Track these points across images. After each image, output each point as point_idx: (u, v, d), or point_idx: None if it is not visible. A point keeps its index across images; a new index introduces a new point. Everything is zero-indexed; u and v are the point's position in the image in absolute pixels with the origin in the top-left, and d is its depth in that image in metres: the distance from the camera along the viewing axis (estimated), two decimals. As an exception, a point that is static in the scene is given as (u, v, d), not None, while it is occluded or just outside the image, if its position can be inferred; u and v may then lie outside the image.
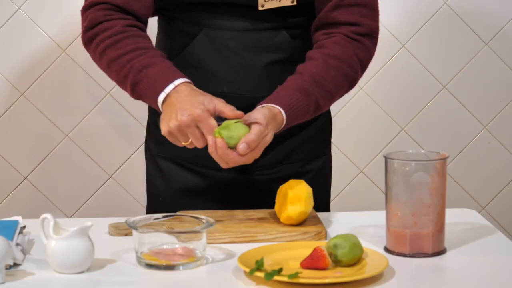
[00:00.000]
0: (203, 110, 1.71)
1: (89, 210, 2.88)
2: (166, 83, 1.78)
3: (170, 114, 1.74)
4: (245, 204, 1.93)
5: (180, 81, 1.78)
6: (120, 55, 1.83)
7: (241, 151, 1.70)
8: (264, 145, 1.74)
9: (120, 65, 1.83)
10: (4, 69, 2.80)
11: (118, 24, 1.86)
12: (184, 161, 1.99)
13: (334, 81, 1.86)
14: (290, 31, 1.92)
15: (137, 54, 1.83)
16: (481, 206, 3.02)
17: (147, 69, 1.81)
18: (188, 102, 1.73)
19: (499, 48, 2.93)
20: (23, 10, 2.78)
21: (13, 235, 1.67)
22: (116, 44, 1.84)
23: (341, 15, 1.89)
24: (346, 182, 2.97)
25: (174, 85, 1.77)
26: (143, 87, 1.81)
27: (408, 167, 1.63)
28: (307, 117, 1.85)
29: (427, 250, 1.64)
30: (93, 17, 1.87)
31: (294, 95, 1.80)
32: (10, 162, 2.85)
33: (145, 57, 1.82)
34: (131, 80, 1.82)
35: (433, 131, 2.96)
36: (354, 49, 1.89)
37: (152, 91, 1.80)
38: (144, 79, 1.80)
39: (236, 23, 1.90)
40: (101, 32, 1.86)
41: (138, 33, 1.87)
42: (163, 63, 1.83)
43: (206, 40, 1.91)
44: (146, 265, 1.59)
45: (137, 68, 1.81)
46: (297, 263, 1.56)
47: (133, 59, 1.82)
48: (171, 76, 1.79)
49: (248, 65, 1.91)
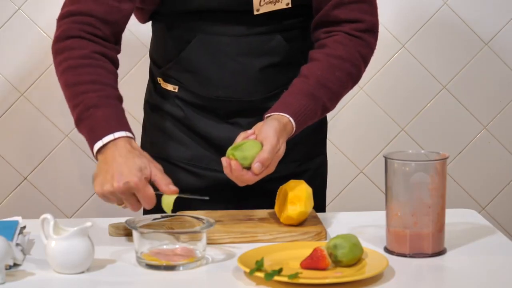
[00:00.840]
0: (140, 179, 1.64)
1: (89, 210, 2.88)
2: (107, 132, 1.70)
3: (105, 175, 1.66)
4: (242, 204, 1.93)
5: (121, 134, 1.70)
6: (77, 83, 1.76)
7: (256, 171, 1.71)
8: (277, 159, 1.75)
9: (73, 94, 1.76)
10: (4, 69, 2.80)
11: (87, 48, 1.78)
12: (180, 162, 1.99)
13: (339, 81, 1.87)
14: (284, 34, 1.92)
15: (93, 88, 1.74)
16: (481, 206, 3.02)
17: (95, 108, 1.72)
18: (125, 166, 1.65)
19: (499, 48, 2.93)
20: (23, 10, 2.78)
21: (13, 235, 1.67)
22: (77, 69, 1.77)
23: (341, 13, 1.89)
24: (346, 182, 2.97)
25: (113, 137, 1.69)
26: (84, 127, 1.74)
27: (408, 167, 1.63)
28: (315, 120, 1.86)
29: (427, 250, 1.64)
30: (66, 28, 1.80)
31: (301, 101, 1.81)
32: (10, 162, 2.85)
33: (98, 95, 1.74)
34: (76, 115, 1.75)
35: (433, 131, 2.96)
36: (356, 47, 1.90)
37: (91, 135, 1.72)
38: (88, 119, 1.72)
39: (231, 28, 1.90)
40: (68, 49, 1.79)
41: (103, 64, 1.79)
42: (113, 108, 1.74)
43: (201, 45, 1.91)
44: (146, 265, 1.59)
45: (87, 104, 1.73)
46: (297, 263, 1.56)
47: (87, 93, 1.74)
48: (114, 126, 1.71)
49: (243, 70, 1.91)
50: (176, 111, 1.98)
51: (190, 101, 1.96)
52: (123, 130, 1.71)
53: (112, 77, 1.80)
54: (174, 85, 1.97)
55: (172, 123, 2.00)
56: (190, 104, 1.96)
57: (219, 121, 1.95)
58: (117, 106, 1.76)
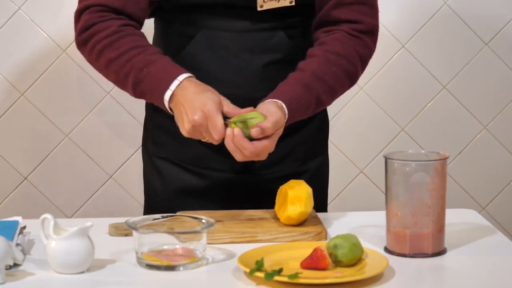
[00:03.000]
0: (211, 106, 1.72)
1: (89, 210, 2.88)
2: (170, 80, 1.78)
3: (182, 116, 1.76)
4: (243, 204, 1.93)
5: (183, 76, 1.79)
6: (119, 54, 1.83)
7: (254, 134, 1.71)
8: (276, 138, 1.75)
9: (119, 65, 1.83)
10: (4, 69, 2.80)
11: (113, 25, 1.85)
12: (182, 161, 1.99)
13: (335, 76, 1.87)
14: (287, 32, 1.93)
15: (135, 52, 1.83)
16: (481, 206, 3.02)
17: (148, 67, 1.81)
18: (196, 100, 1.74)
19: (499, 49, 2.93)
20: (23, 10, 2.78)
21: (13, 235, 1.67)
22: (113, 44, 1.84)
23: (341, 13, 1.90)
24: (346, 182, 2.97)
25: (178, 81, 1.78)
26: (146, 85, 1.81)
27: (408, 167, 1.63)
28: (309, 112, 1.86)
29: (427, 250, 1.64)
30: (87, 18, 1.87)
31: (295, 90, 1.82)
32: (10, 162, 2.85)
33: (144, 55, 1.82)
34: (132, 79, 1.82)
35: (433, 131, 2.96)
36: (355, 46, 1.90)
37: (156, 89, 1.80)
38: (147, 77, 1.80)
39: (234, 24, 1.90)
40: (96, 33, 1.86)
41: (133, 32, 1.87)
42: (163, 59, 1.83)
43: (204, 41, 1.91)
44: (147, 266, 1.59)
45: (138, 67, 1.81)
46: (297, 264, 1.56)
47: (132, 58, 1.82)
48: (174, 73, 1.79)
49: (245, 66, 1.91)
50: None
51: None
52: (182, 72, 1.79)
53: (146, 40, 1.87)
54: None
55: (173, 122, 1.99)
56: None
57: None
58: (165, 58, 1.83)
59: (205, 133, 1.74)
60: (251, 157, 1.74)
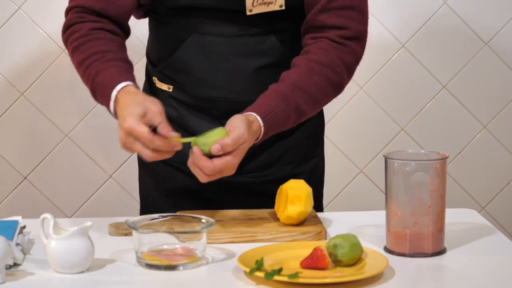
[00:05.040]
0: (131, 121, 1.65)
1: (89, 210, 2.88)
2: (110, 92, 1.75)
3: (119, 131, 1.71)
4: (237, 206, 1.92)
5: (121, 85, 1.75)
6: (83, 59, 1.83)
7: (214, 151, 1.66)
8: (241, 152, 1.70)
9: (82, 70, 1.83)
10: (4, 69, 2.80)
11: (84, 27, 1.85)
12: (175, 162, 1.98)
13: (316, 86, 1.84)
14: (278, 36, 1.92)
15: (94, 58, 1.81)
16: (481, 206, 3.02)
17: (97, 76, 1.78)
18: (121, 116, 1.69)
19: (498, 48, 2.93)
20: (23, 10, 2.78)
21: (13, 235, 1.67)
22: (79, 48, 1.84)
23: (327, 19, 1.87)
24: (346, 182, 2.97)
25: (116, 92, 1.74)
26: (98, 97, 1.80)
27: (408, 167, 1.63)
28: (290, 122, 1.83)
29: (427, 250, 1.64)
30: (69, 18, 1.89)
31: (272, 102, 1.79)
32: (10, 162, 2.85)
33: (99, 62, 1.80)
34: (90, 87, 1.82)
35: (433, 131, 2.96)
36: (339, 54, 1.87)
37: (104, 101, 1.78)
38: (97, 88, 1.79)
39: (224, 28, 1.89)
40: (71, 34, 1.87)
41: (103, 36, 1.85)
42: (113, 67, 1.79)
43: (195, 45, 1.90)
44: (146, 265, 1.59)
45: (92, 75, 1.80)
46: (297, 263, 1.56)
47: (91, 65, 1.81)
48: (113, 82, 1.76)
49: (237, 70, 1.91)
50: (171, 111, 1.97)
51: (184, 101, 1.96)
52: (121, 81, 1.75)
53: (112, 44, 1.85)
54: (169, 84, 1.96)
55: None
56: (184, 104, 1.96)
57: (213, 121, 1.94)
58: (116, 64, 1.80)
59: (138, 147, 1.68)
60: (214, 175, 1.69)
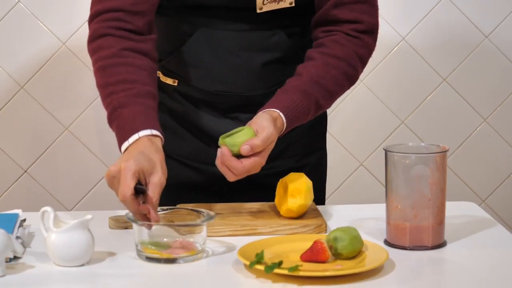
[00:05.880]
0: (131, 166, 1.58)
1: (89, 203, 2.88)
2: (132, 132, 1.67)
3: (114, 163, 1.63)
4: (241, 199, 1.93)
5: (145, 132, 1.67)
6: (106, 84, 1.75)
7: (243, 152, 1.68)
8: (268, 151, 1.73)
9: (103, 95, 1.75)
10: (4, 63, 2.80)
11: (115, 46, 1.77)
12: (180, 156, 1.99)
13: (334, 80, 1.85)
14: (287, 31, 1.92)
15: (120, 88, 1.73)
16: (481, 199, 3.02)
17: (121, 109, 1.70)
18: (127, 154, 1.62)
19: (499, 41, 2.93)
20: (23, 3, 2.78)
21: (13, 228, 1.67)
22: (106, 70, 1.76)
23: (341, 13, 1.88)
24: (346, 175, 2.97)
25: (138, 136, 1.67)
26: (114, 128, 1.72)
27: (408, 160, 1.63)
28: (309, 117, 1.84)
29: (427, 243, 1.64)
30: (96, 28, 1.80)
31: (293, 98, 1.80)
32: (10, 155, 2.85)
33: (125, 94, 1.72)
34: (107, 117, 1.74)
35: (433, 124, 2.96)
36: (354, 47, 1.88)
37: (119, 135, 1.70)
38: (116, 120, 1.71)
39: (233, 25, 1.89)
40: (98, 49, 1.78)
41: (132, 62, 1.76)
42: (140, 105, 1.71)
43: (203, 39, 1.90)
44: (146, 258, 1.59)
45: (114, 105, 1.72)
46: (297, 256, 1.56)
47: (114, 93, 1.73)
48: (138, 125, 1.68)
49: (244, 65, 1.90)
50: (176, 105, 1.97)
51: (190, 95, 1.96)
52: (148, 128, 1.67)
53: (143, 72, 1.76)
54: (174, 78, 1.96)
55: (171, 117, 1.99)
56: (189, 98, 1.96)
57: (219, 115, 1.95)
58: (144, 103, 1.71)
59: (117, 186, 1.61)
60: (242, 175, 1.71)
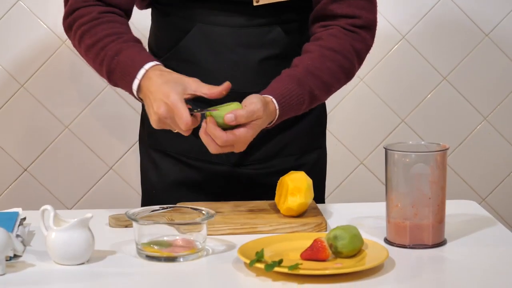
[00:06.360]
0: (173, 98, 1.67)
1: (89, 202, 2.88)
2: (137, 69, 1.75)
3: (149, 109, 1.73)
4: (240, 198, 1.92)
5: (149, 65, 1.75)
6: (95, 42, 1.82)
7: (227, 120, 1.67)
8: (255, 128, 1.71)
9: (95, 53, 1.82)
10: (4, 61, 2.80)
11: (94, 11, 1.84)
12: (178, 154, 1.99)
13: (329, 71, 1.85)
14: (284, 27, 1.92)
15: (110, 40, 1.80)
16: (481, 198, 3.02)
17: (118, 55, 1.78)
18: (159, 92, 1.70)
19: (499, 39, 2.92)
20: (23, 2, 2.78)
21: (13, 226, 1.67)
22: (91, 30, 1.83)
23: (338, 8, 1.88)
24: (346, 174, 2.97)
25: (145, 70, 1.75)
26: (116, 77, 1.79)
27: (408, 159, 1.63)
28: (303, 107, 1.84)
29: (427, 242, 1.64)
30: (72, 3, 1.87)
31: (287, 86, 1.79)
32: (10, 153, 2.85)
33: (117, 43, 1.80)
34: (106, 68, 1.80)
35: (434, 123, 2.96)
36: (350, 41, 1.88)
37: (125, 78, 1.78)
38: (117, 66, 1.78)
39: (230, 19, 1.89)
40: (78, 18, 1.85)
41: (113, 19, 1.85)
42: (134, 47, 1.80)
43: (200, 35, 1.90)
44: (146, 257, 1.59)
45: (110, 55, 1.79)
46: (297, 255, 1.56)
47: (106, 46, 1.80)
48: (141, 62, 1.76)
49: (241, 61, 1.90)
50: None
51: None
52: (149, 60, 1.76)
53: (125, 27, 1.85)
54: None
55: None
56: None
57: None
58: (136, 45, 1.81)
59: (173, 125, 1.71)
60: (225, 147, 1.70)
